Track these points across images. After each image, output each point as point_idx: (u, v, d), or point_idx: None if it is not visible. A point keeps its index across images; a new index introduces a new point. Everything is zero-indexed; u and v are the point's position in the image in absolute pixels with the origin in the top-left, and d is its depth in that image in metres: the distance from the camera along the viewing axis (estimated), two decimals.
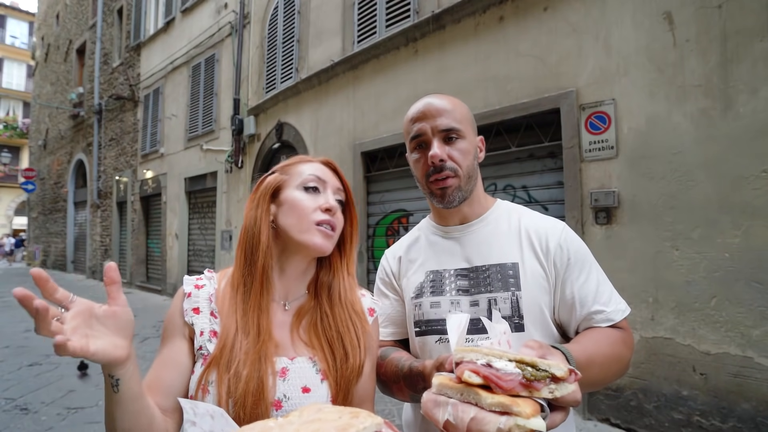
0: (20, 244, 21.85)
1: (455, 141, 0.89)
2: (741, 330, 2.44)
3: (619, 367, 0.83)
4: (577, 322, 0.87)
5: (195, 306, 0.78)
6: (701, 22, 2.64)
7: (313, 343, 0.80)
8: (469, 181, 0.91)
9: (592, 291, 0.86)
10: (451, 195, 0.90)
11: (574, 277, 0.86)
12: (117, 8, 11.79)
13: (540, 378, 0.54)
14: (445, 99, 0.93)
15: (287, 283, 0.84)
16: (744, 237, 2.44)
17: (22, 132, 23.49)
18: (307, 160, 0.87)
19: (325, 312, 0.83)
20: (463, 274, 0.92)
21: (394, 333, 1.03)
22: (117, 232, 11.46)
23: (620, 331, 0.85)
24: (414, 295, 0.96)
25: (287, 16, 6.23)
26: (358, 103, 5.10)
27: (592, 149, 3.06)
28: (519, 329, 0.85)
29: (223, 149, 7.47)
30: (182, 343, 0.76)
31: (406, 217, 4.64)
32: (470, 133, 0.93)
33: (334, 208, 0.81)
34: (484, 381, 0.54)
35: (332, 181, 0.85)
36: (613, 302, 0.86)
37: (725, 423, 2.47)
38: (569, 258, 0.87)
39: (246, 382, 0.70)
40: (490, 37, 3.78)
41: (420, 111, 0.92)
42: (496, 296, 0.87)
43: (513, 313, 0.86)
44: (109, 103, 11.81)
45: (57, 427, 3.04)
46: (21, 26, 26.53)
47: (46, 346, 5.11)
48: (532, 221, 0.94)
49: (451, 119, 0.89)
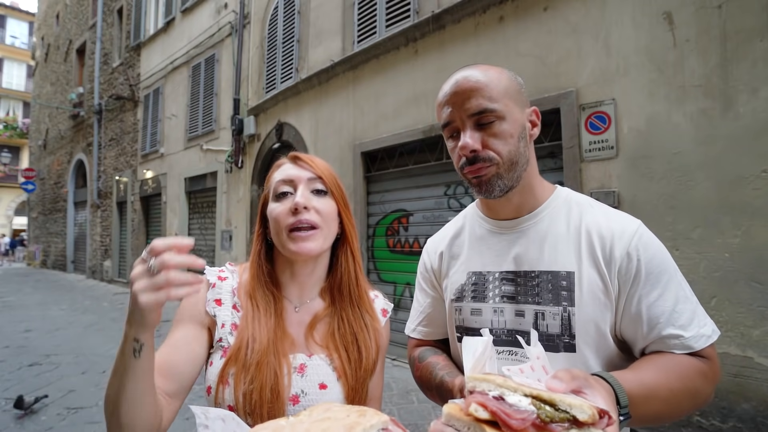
0: (16, 245, 21.84)
1: (492, 124, 0.74)
2: (741, 330, 2.44)
3: (692, 403, 0.68)
4: (644, 343, 0.72)
5: (218, 297, 0.79)
6: (701, 22, 2.64)
7: (329, 345, 0.81)
8: (514, 167, 0.76)
9: (667, 310, 0.70)
10: (489, 184, 0.76)
11: (645, 292, 0.71)
12: (117, 8, 11.79)
13: (557, 420, 0.46)
14: (480, 71, 0.77)
15: (300, 285, 0.85)
16: (744, 237, 2.44)
17: (22, 132, 23.48)
18: (278, 165, 0.86)
19: (341, 317, 0.84)
20: (510, 278, 0.80)
21: (434, 333, 0.94)
22: (117, 232, 11.46)
23: (700, 361, 0.69)
24: (454, 297, 0.86)
25: (287, 16, 6.23)
26: (358, 103, 5.10)
27: (592, 149, 3.06)
28: (569, 350, 0.73)
29: (223, 149, 7.47)
30: (199, 331, 0.77)
31: (406, 217, 4.63)
32: (513, 109, 0.76)
33: (299, 205, 0.76)
34: (491, 416, 0.47)
35: (302, 174, 0.81)
36: (694, 325, 0.70)
37: (725, 423, 2.47)
38: (639, 269, 0.72)
39: (260, 390, 0.71)
40: (490, 37, 3.78)
41: (449, 93, 0.77)
42: (544, 310, 0.75)
43: (563, 332, 0.74)
44: (109, 103, 11.81)
45: (57, 427, 3.04)
46: (21, 26, 26.53)
47: (46, 346, 5.14)
48: (595, 220, 0.78)
49: (485, 99, 0.74)
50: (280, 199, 0.80)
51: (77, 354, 4.84)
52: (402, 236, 4.62)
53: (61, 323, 6.53)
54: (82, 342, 5.39)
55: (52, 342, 5.38)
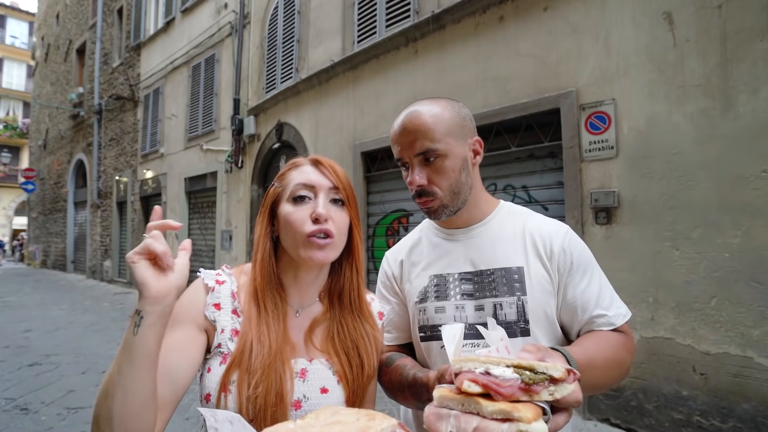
0: (2, 245, 21.80)
1: (435, 161, 0.86)
2: (741, 330, 2.44)
3: (620, 370, 0.83)
4: (579, 325, 0.87)
5: (216, 302, 0.77)
6: (701, 22, 2.64)
7: (329, 350, 0.81)
8: (456, 197, 0.88)
9: (594, 295, 0.86)
10: (436, 213, 0.89)
11: (576, 281, 0.86)
12: (117, 8, 11.79)
13: (538, 381, 0.54)
14: (425, 112, 0.87)
15: (301, 290, 0.84)
16: (744, 237, 2.44)
17: (22, 132, 23.47)
18: (296, 165, 0.84)
19: (340, 322, 0.84)
20: (468, 278, 0.91)
21: (398, 338, 1.01)
22: (117, 232, 11.46)
23: (621, 335, 0.85)
24: (418, 299, 0.94)
25: (287, 16, 6.23)
26: (358, 103, 5.10)
27: (592, 149, 3.06)
28: (525, 334, 0.85)
29: (223, 149, 7.47)
30: (196, 334, 0.75)
31: (406, 217, 4.64)
32: (454, 147, 0.87)
33: (322, 216, 0.76)
34: (484, 389, 0.53)
35: (323, 183, 0.80)
36: (614, 306, 0.86)
37: (725, 423, 2.47)
38: (572, 262, 0.87)
39: (264, 394, 0.70)
40: (490, 37, 3.78)
41: (397, 133, 0.89)
42: (502, 301, 0.86)
43: (519, 318, 0.85)
44: (109, 103, 11.81)
45: (57, 427, 3.04)
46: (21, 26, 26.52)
47: (46, 346, 5.13)
48: (536, 225, 0.92)
49: (428, 140, 0.85)
50: (298, 203, 0.78)
51: (77, 354, 4.84)
52: (402, 236, 4.61)
53: (61, 323, 6.53)
54: (82, 342, 5.39)
55: (52, 342, 5.38)
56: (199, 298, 0.77)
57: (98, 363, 4.51)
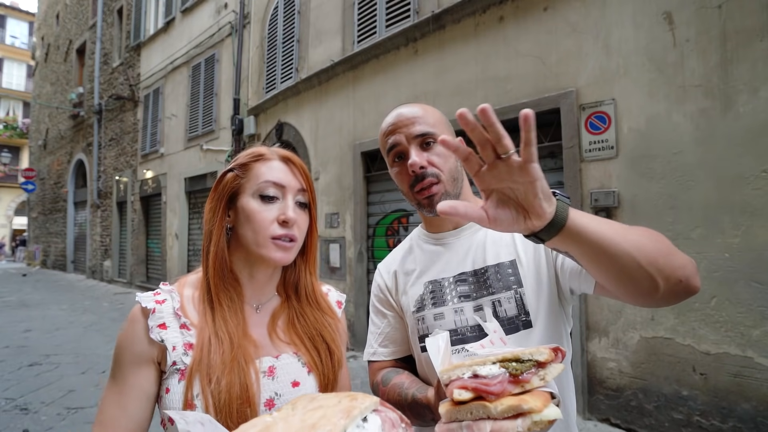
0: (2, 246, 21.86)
1: (432, 145, 0.87)
2: (741, 330, 2.44)
3: (637, 237, 0.61)
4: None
5: (161, 322, 0.72)
6: (701, 22, 2.64)
7: (294, 341, 0.80)
8: (455, 183, 0.89)
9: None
10: (438, 202, 0.85)
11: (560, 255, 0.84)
12: (117, 8, 11.79)
13: (525, 369, 0.53)
14: (415, 106, 0.92)
15: (257, 286, 0.82)
16: (744, 237, 2.44)
17: (22, 132, 23.48)
18: (265, 158, 0.79)
19: (300, 313, 0.84)
20: (462, 279, 0.90)
21: (395, 351, 0.98)
22: (117, 232, 11.46)
23: None
24: (415, 308, 0.92)
25: (287, 16, 6.23)
26: (358, 103, 5.10)
27: (592, 149, 3.06)
28: (527, 326, 0.83)
29: (223, 149, 7.47)
30: (148, 370, 0.71)
31: (406, 217, 4.64)
32: (447, 135, 0.87)
33: (290, 221, 0.75)
34: (474, 393, 0.52)
35: (292, 183, 0.78)
36: None
37: (725, 423, 2.47)
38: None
39: (228, 388, 0.68)
40: (490, 37, 3.78)
41: (391, 123, 0.91)
42: (499, 297, 0.85)
43: (519, 312, 0.84)
44: (109, 103, 11.81)
45: (57, 427, 3.04)
46: (21, 26, 26.52)
47: (46, 346, 5.14)
48: None
49: (425, 124, 0.87)
50: (266, 202, 0.76)
51: (77, 354, 4.84)
52: (402, 236, 4.62)
53: (61, 323, 6.53)
54: (82, 342, 5.39)
55: (52, 342, 5.38)
56: (138, 328, 0.72)
57: (98, 363, 4.51)
